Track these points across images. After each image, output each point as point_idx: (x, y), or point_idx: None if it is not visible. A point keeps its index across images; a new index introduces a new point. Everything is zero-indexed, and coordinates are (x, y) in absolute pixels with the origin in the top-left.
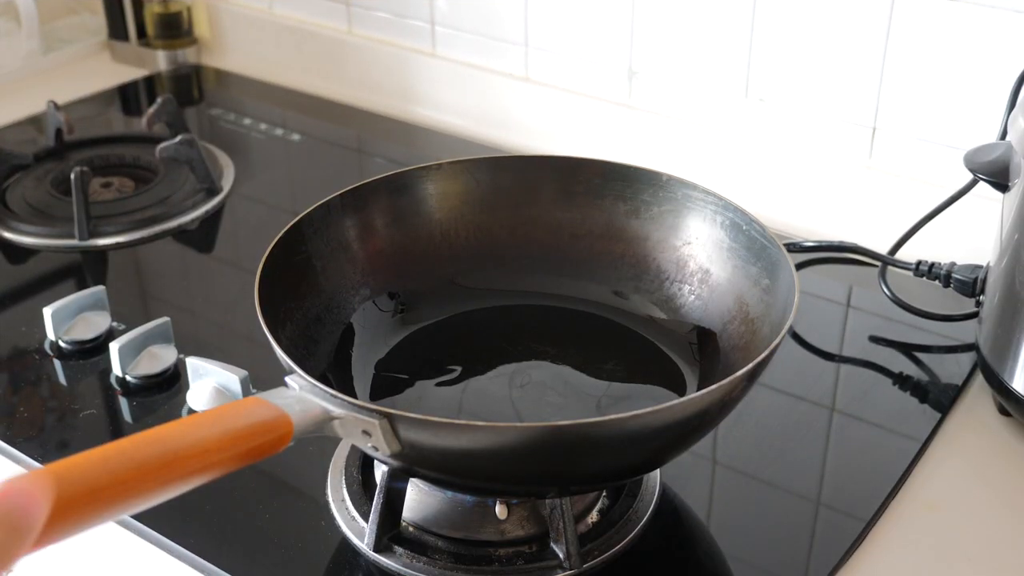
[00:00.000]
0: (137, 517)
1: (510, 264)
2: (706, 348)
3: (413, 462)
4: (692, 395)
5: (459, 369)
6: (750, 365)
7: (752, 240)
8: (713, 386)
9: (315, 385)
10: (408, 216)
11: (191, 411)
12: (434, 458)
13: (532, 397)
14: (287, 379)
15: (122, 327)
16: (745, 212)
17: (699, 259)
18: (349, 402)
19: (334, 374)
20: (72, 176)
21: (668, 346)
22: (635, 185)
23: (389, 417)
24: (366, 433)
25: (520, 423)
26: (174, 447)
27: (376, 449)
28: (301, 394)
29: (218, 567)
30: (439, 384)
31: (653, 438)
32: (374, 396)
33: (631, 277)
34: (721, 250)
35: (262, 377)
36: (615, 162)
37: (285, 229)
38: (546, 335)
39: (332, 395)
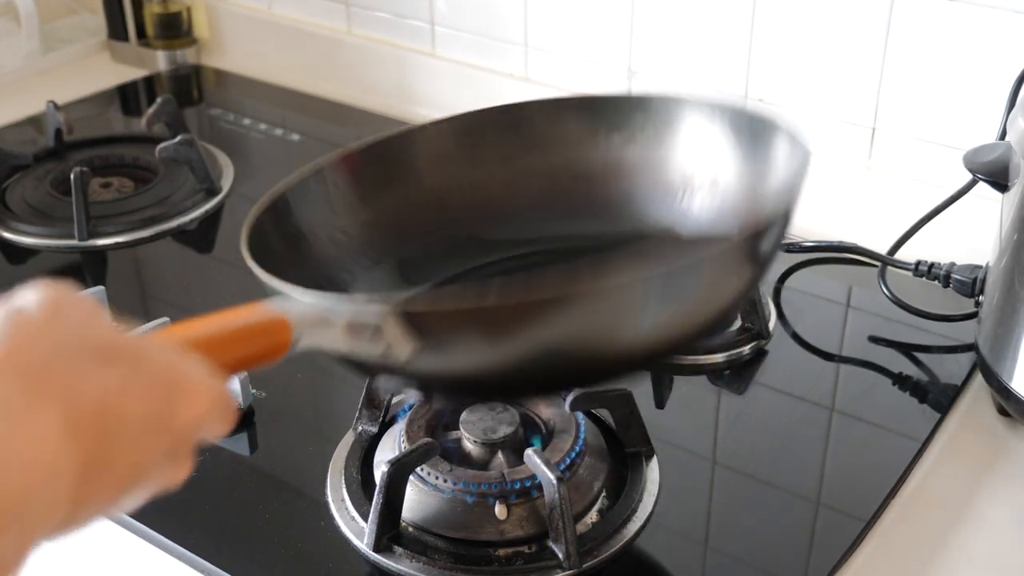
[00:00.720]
0: (137, 517)
1: (513, 218)
2: None
3: (432, 365)
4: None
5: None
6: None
7: (751, 133)
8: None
9: (314, 292)
10: (398, 183)
11: None
12: (457, 353)
13: None
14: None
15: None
16: (738, 108)
17: (702, 169)
18: (354, 299)
19: None
20: (72, 176)
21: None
22: (624, 113)
23: (403, 307)
24: (377, 336)
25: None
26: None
27: (391, 350)
28: (302, 301)
29: (218, 567)
30: None
31: (704, 287)
32: None
33: (640, 204)
34: (721, 154)
35: (262, 377)
36: (597, 96)
37: (271, 198)
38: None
39: (335, 297)
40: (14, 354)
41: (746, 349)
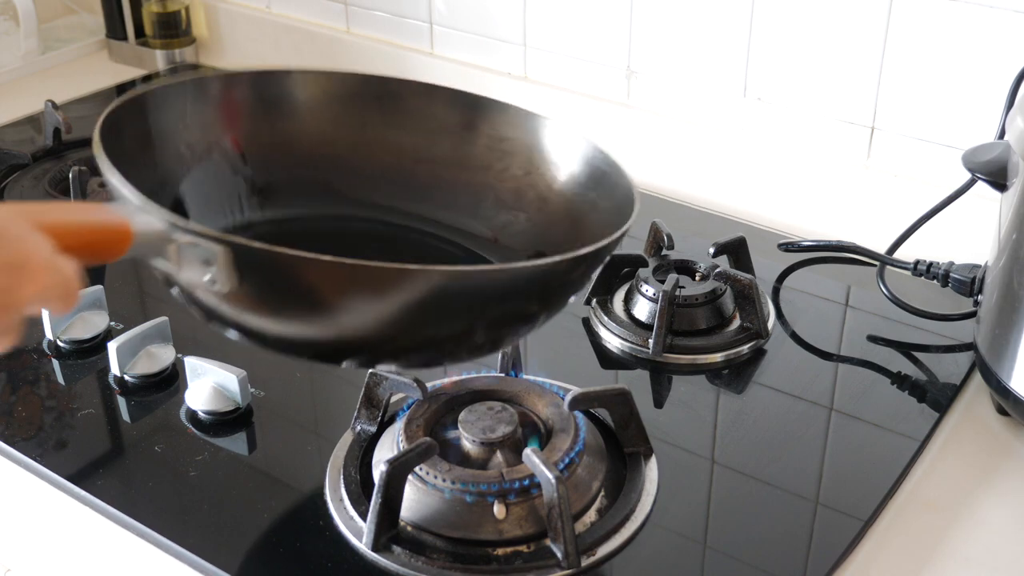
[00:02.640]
0: (137, 517)
1: (353, 179)
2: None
3: (245, 306)
4: (535, 262)
5: None
6: (582, 250)
7: (594, 168)
8: (552, 259)
9: (160, 208)
10: (257, 116)
11: (189, 411)
12: (268, 302)
13: None
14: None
15: (120, 327)
16: (592, 143)
17: (539, 188)
18: (195, 227)
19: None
20: (70, 175)
21: (494, 258)
22: (484, 114)
23: (234, 247)
24: (206, 264)
25: (386, 263)
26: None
27: (214, 283)
28: (145, 210)
29: (216, 567)
30: None
31: (499, 297)
32: None
33: (470, 204)
34: (561, 179)
35: (261, 377)
36: (466, 92)
37: (127, 96)
38: (382, 250)
39: (177, 219)
40: None
41: (745, 348)
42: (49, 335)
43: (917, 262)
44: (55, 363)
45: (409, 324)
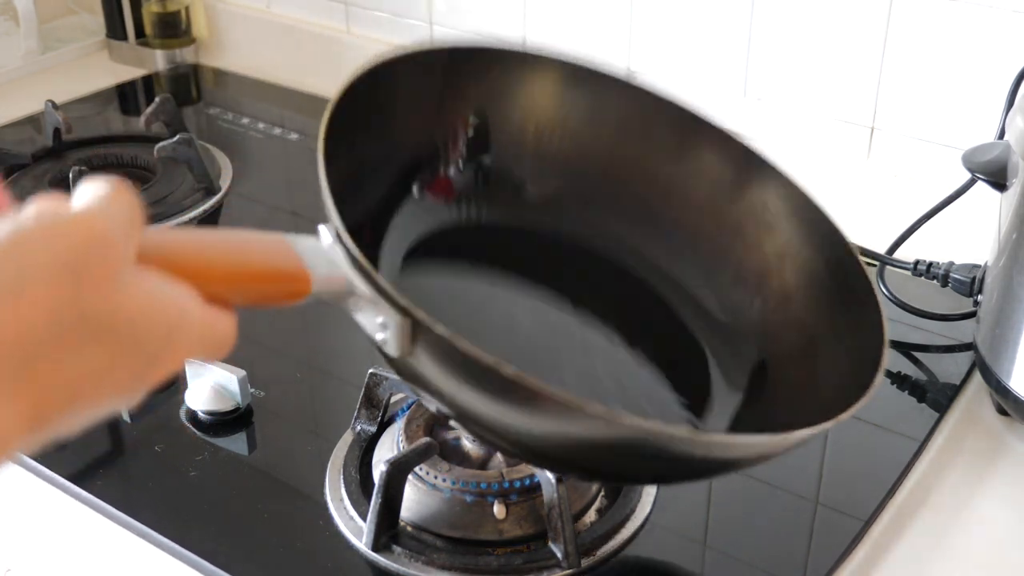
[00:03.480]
0: (137, 517)
1: (594, 196)
2: (756, 378)
3: (412, 376)
4: (786, 434)
5: (493, 282)
6: (824, 425)
7: (852, 294)
8: (810, 429)
9: (349, 250)
10: (506, 98)
11: (189, 411)
12: (434, 382)
13: (556, 349)
14: (320, 227)
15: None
16: (862, 265)
17: (786, 281)
18: (379, 285)
19: (371, 225)
20: (70, 175)
21: (712, 350)
22: (760, 175)
23: (414, 320)
24: (383, 326)
25: (553, 391)
26: (176, 263)
27: (385, 344)
28: (331, 255)
29: (216, 567)
30: (467, 286)
31: (708, 464)
32: (402, 272)
33: (707, 264)
34: (811, 281)
35: (261, 377)
36: (753, 150)
37: (376, 61)
38: (602, 289)
39: (367, 271)
40: None
41: None
42: None
43: (917, 262)
44: None
45: (581, 456)
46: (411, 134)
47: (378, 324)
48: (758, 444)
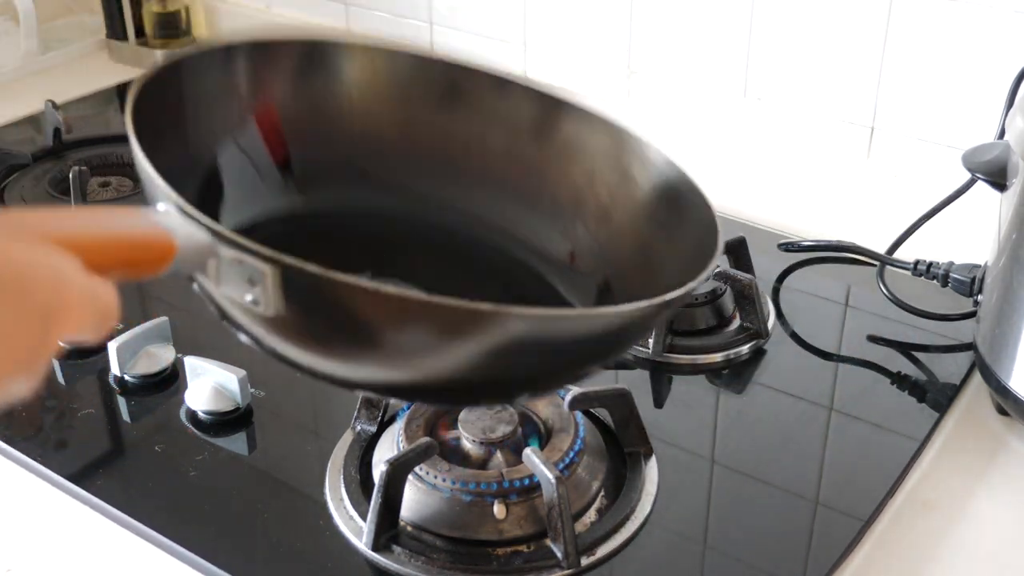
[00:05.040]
0: (137, 517)
1: (398, 165)
2: (604, 295)
3: (287, 328)
4: (624, 306)
5: (325, 258)
6: (659, 299)
7: (670, 190)
8: (640, 303)
9: (204, 218)
10: (295, 84)
11: (189, 411)
12: (313, 323)
13: None
14: (159, 206)
15: (120, 326)
16: (666, 156)
17: (601, 199)
18: (243, 243)
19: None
20: (71, 176)
21: (556, 281)
22: (550, 112)
23: (284, 267)
24: (251, 283)
25: (433, 297)
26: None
27: (256, 305)
28: (188, 224)
29: (216, 566)
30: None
31: (529, 349)
32: None
33: (523, 205)
34: (631, 196)
35: (260, 377)
36: (524, 84)
37: (159, 65)
38: (437, 255)
39: (223, 232)
40: None
41: (745, 348)
42: None
43: (917, 262)
44: (55, 363)
45: (469, 368)
46: (210, 131)
47: (247, 283)
48: (592, 316)
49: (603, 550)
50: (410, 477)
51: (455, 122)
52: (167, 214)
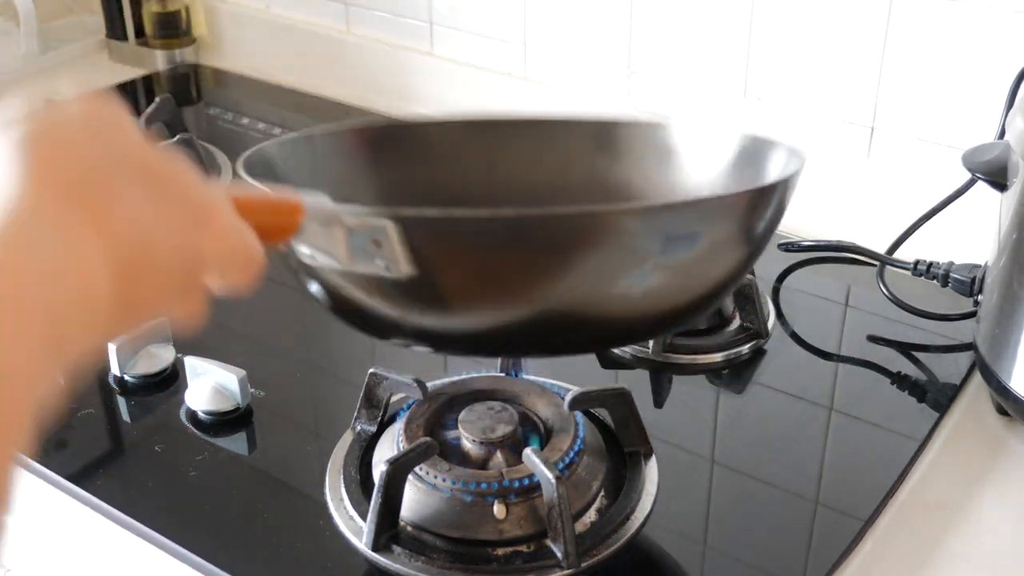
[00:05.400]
0: (137, 517)
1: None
2: None
3: (423, 281)
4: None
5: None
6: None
7: (744, 150)
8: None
9: (322, 196)
10: (385, 172)
11: (189, 411)
12: (453, 275)
13: None
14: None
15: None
16: (735, 130)
17: (687, 188)
18: (362, 208)
19: None
20: None
21: None
22: (614, 135)
23: (404, 220)
24: (376, 244)
25: (552, 209)
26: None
27: (387, 270)
28: (310, 193)
29: (216, 566)
30: None
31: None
32: None
33: None
34: (711, 171)
35: (260, 377)
36: (587, 119)
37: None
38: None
39: (342, 204)
40: (51, 168)
41: (745, 348)
42: None
43: (917, 262)
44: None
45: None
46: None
47: (372, 245)
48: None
49: (603, 550)
50: (410, 477)
51: (536, 167)
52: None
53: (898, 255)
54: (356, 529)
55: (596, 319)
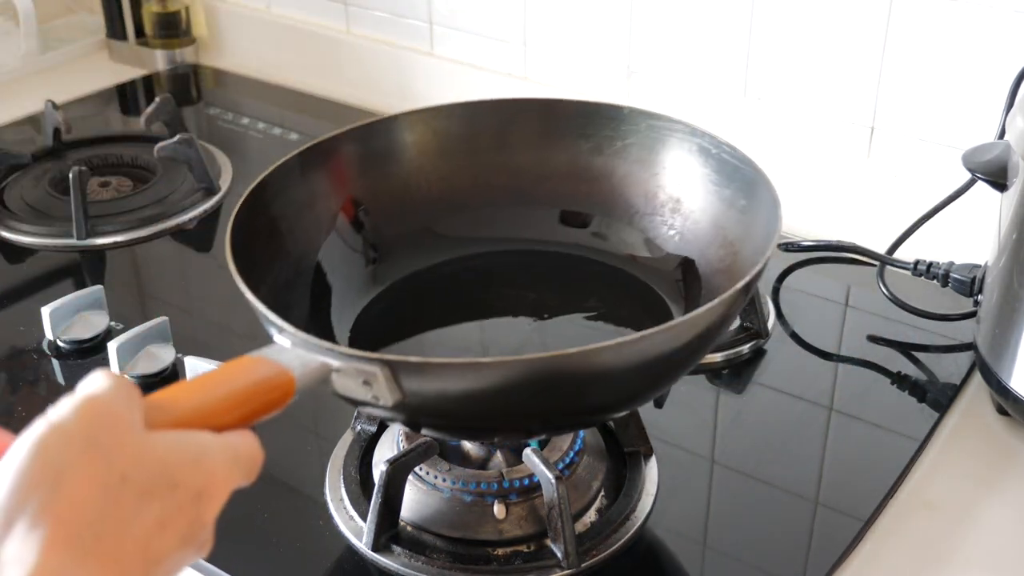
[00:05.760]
0: None
1: (478, 211)
2: (689, 278)
3: (414, 412)
4: (682, 318)
5: (439, 319)
6: (739, 284)
7: (722, 162)
8: (698, 310)
9: (309, 339)
10: (369, 170)
11: None
12: (435, 403)
13: (514, 342)
14: (276, 338)
15: (120, 326)
16: (713, 136)
17: (668, 189)
18: (348, 352)
19: (314, 332)
20: (70, 175)
21: (651, 280)
22: (595, 121)
23: (391, 364)
24: (366, 384)
25: (527, 356)
26: (172, 417)
27: (377, 399)
28: (298, 350)
29: (216, 566)
30: (421, 334)
31: (648, 364)
32: (355, 343)
33: (602, 214)
34: (691, 176)
35: None
36: (568, 100)
37: (245, 194)
38: (523, 279)
39: (329, 348)
40: (63, 522)
41: (745, 348)
42: (49, 335)
43: (917, 262)
44: (55, 363)
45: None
46: (305, 237)
47: (363, 385)
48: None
49: (603, 550)
50: (410, 477)
51: (517, 155)
52: (279, 349)
53: (898, 255)
54: (356, 529)
55: (573, 417)
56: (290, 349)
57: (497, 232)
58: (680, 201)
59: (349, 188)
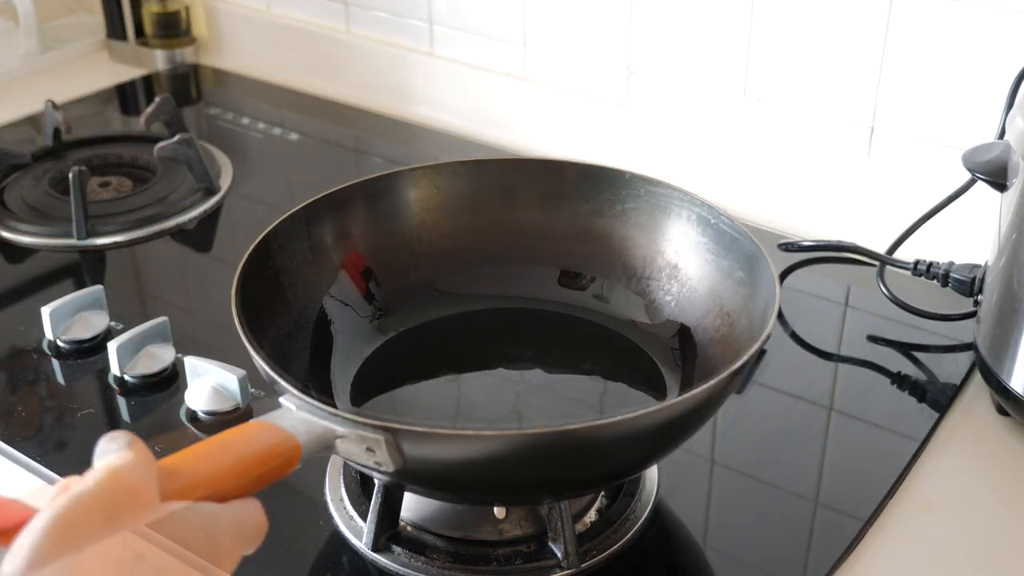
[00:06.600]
0: None
1: (478, 268)
2: (686, 346)
3: (416, 477)
4: (679, 398)
5: (438, 375)
6: (735, 366)
7: (721, 233)
8: (695, 390)
9: (314, 404)
10: (373, 224)
11: (189, 411)
12: (436, 470)
13: (511, 401)
14: (281, 400)
15: (120, 327)
16: (712, 206)
17: (666, 255)
18: (353, 419)
19: (314, 386)
20: (70, 175)
21: (647, 346)
22: (597, 184)
23: (393, 432)
24: (370, 450)
25: (528, 430)
26: (183, 484)
27: (380, 465)
28: (303, 415)
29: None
30: (419, 387)
31: (644, 439)
32: (356, 405)
33: (601, 275)
34: (688, 244)
35: (259, 377)
36: (573, 162)
37: (252, 247)
38: (521, 338)
39: (334, 413)
40: None
41: None
42: (49, 335)
43: (917, 262)
44: (55, 363)
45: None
46: (308, 290)
47: (366, 451)
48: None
49: (603, 550)
50: None
51: (519, 213)
52: (284, 413)
53: (898, 255)
54: (356, 529)
55: (573, 484)
56: (295, 413)
57: (498, 289)
58: (677, 267)
59: (353, 242)
